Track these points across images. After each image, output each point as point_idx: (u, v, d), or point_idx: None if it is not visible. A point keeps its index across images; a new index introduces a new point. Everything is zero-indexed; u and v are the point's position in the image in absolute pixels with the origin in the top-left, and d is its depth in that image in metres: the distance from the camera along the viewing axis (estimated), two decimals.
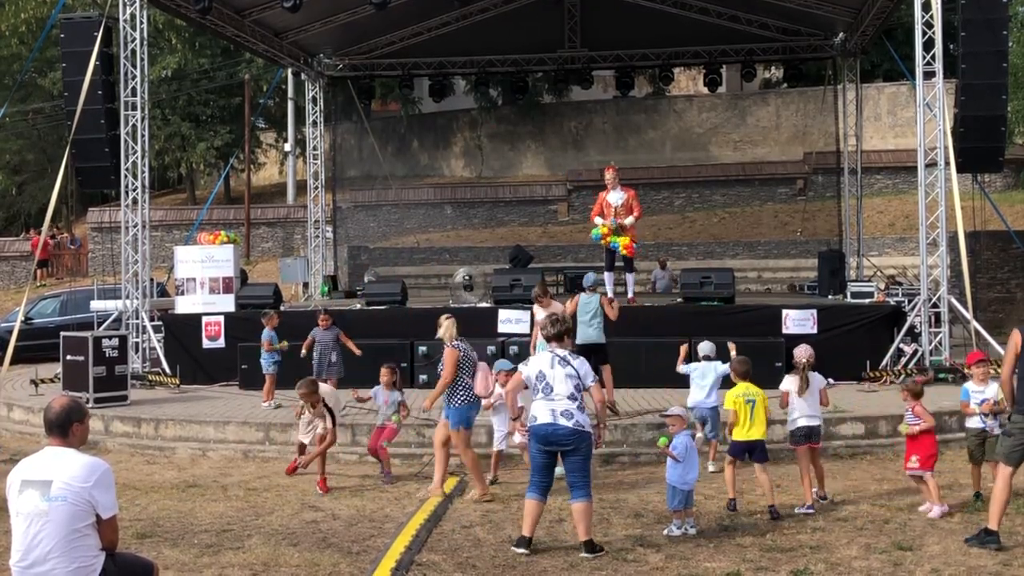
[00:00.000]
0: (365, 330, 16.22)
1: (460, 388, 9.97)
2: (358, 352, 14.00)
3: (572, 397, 7.98)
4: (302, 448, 11.36)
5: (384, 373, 11.01)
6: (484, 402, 10.70)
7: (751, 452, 9.32)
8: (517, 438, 10.81)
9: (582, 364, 8.14)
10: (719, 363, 11.33)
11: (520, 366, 8.48)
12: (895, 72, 31.71)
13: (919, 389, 9.78)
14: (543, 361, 8.17)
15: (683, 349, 12.20)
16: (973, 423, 9.68)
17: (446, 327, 10.24)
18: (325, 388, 11.18)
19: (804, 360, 9.69)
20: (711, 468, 11.01)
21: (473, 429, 10.42)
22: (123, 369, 14.95)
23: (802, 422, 9.57)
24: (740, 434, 9.29)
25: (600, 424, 8.33)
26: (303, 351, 14.12)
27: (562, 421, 7.89)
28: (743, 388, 9.41)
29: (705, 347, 11.70)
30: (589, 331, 12.88)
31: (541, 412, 7.99)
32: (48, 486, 4.98)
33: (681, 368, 11.73)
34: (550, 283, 20.51)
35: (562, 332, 8.31)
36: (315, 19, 21.36)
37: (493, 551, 8.12)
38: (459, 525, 8.98)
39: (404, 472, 11.42)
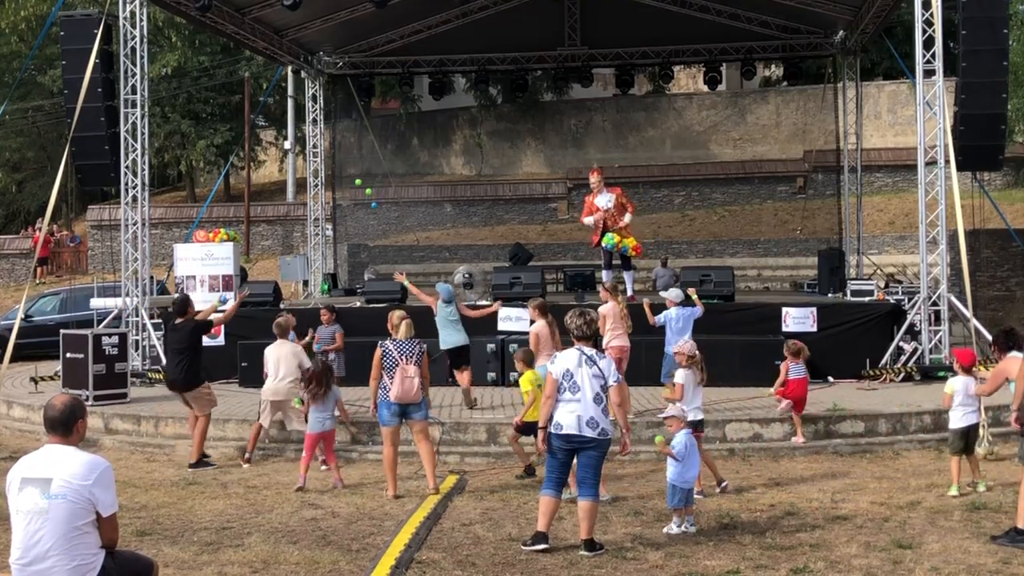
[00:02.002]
0: (365, 328, 16.22)
1: (381, 387, 10.15)
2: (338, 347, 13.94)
3: (598, 399, 7.93)
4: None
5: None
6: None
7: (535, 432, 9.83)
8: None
9: (608, 364, 8.11)
10: (691, 307, 12.98)
11: (548, 365, 8.39)
12: (895, 70, 31.75)
13: (797, 349, 12.25)
14: (571, 359, 8.06)
15: (647, 304, 13.59)
16: (962, 419, 9.91)
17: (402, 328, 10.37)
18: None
19: (697, 353, 10.18)
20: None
21: (428, 426, 10.59)
22: (123, 367, 14.97)
23: (692, 416, 9.88)
24: (531, 415, 10.02)
25: (625, 430, 8.28)
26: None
27: (587, 431, 7.86)
28: (534, 374, 10.48)
29: (673, 293, 13.18)
30: (457, 336, 13.62)
31: (567, 419, 7.90)
32: (48, 484, 4.98)
33: (658, 319, 13.12)
34: (549, 281, 20.54)
35: (593, 332, 8.29)
36: (315, 17, 21.34)
37: (493, 549, 8.12)
38: (459, 523, 8.98)
39: (403, 471, 11.41)
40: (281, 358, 12.00)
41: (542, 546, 7.95)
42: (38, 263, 29.88)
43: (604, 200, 16.43)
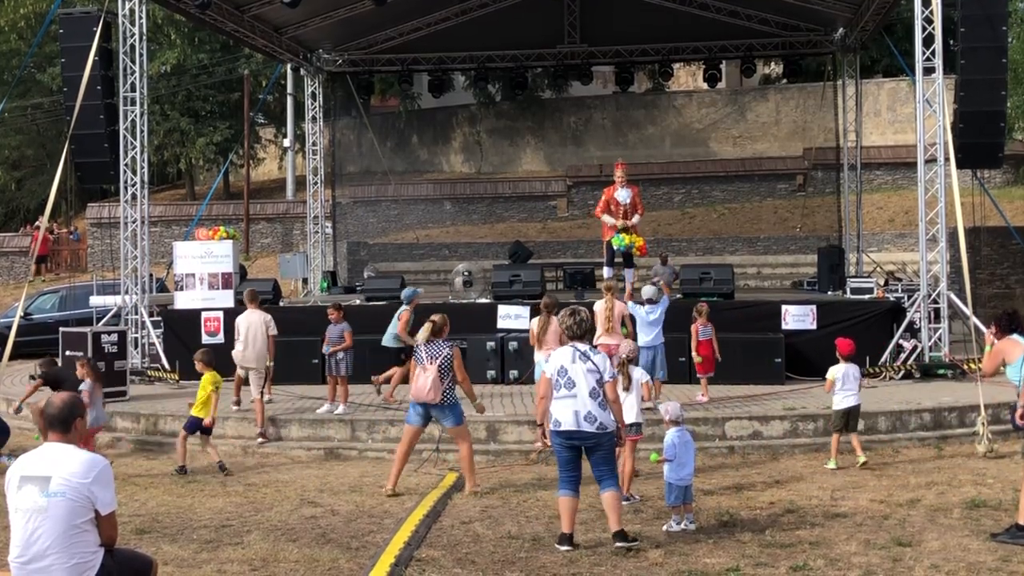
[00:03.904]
0: (364, 326, 16.20)
1: None
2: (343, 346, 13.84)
3: (594, 394, 7.91)
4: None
5: (78, 367, 11.51)
6: None
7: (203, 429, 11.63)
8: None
9: (603, 360, 8.10)
10: (663, 299, 13.50)
11: (542, 363, 8.38)
12: (895, 68, 31.70)
13: (705, 309, 13.61)
14: (564, 356, 8.06)
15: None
16: (842, 402, 11.17)
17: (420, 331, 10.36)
18: None
19: (625, 355, 9.80)
20: (648, 404, 11.57)
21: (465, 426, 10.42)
22: (122, 364, 14.99)
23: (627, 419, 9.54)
24: (197, 412, 11.57)
25: (621, 426, 8.28)
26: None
27: (586, 426, 7.85)
28: (213, 376, 11.64)
29: (648, 291, 13.51)
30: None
31: (564, 415, 7.90)
32: (47, 482, 4.97)
33: (628, 304, 13.54)
34: (549, 279, 20.53)
35: (585, 331, 8.29)
36: (314, 14, 21.34)
37: (492, 547, 8.12)
38: (458, 521, 8.98)
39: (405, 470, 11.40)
40: (251, 325, 13.01)
41: (566, 547, 7.93)
42: (37, 261, 29.89)
43: (624, 195, 16.44)
